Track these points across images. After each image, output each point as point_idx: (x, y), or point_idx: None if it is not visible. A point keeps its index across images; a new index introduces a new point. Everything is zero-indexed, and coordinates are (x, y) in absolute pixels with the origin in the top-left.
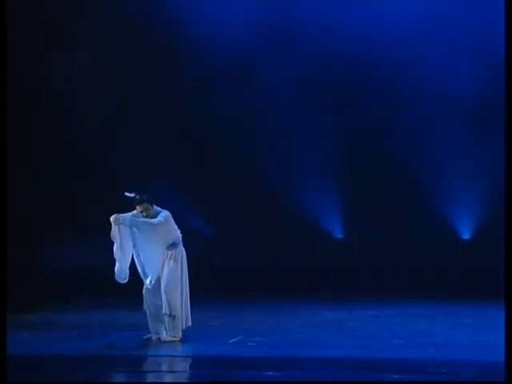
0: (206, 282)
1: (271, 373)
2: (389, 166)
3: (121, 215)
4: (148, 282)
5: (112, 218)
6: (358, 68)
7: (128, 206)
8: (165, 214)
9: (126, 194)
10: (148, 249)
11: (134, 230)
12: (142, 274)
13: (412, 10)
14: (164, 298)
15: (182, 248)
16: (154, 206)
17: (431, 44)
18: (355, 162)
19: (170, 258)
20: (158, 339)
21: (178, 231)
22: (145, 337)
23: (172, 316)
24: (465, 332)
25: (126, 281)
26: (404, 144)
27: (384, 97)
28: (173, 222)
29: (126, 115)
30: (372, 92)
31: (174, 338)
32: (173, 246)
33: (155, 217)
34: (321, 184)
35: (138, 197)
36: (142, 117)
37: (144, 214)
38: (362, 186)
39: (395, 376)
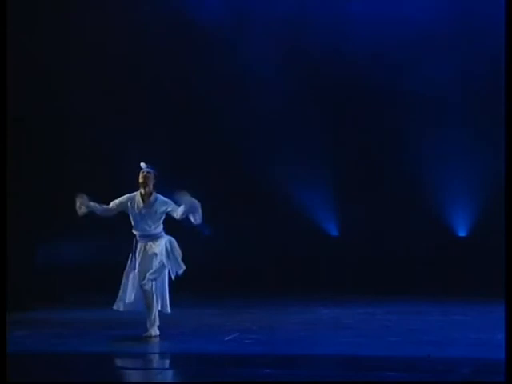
0: (203, 280)
1: (268, 370)
2: (386, 165)
3: None
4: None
5: None
6: (358, 68)
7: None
8: None
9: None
10: None
11: None
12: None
13: (412, 9)
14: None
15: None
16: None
17: (431, 44)
18: (353, 161)
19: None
20: (155, 336)
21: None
22: (144, 335)
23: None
24: (460, 329)
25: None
26: (401, 143)
27: (383, 97)
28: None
29: (126, 112)
30: (371, 92)
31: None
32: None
33: (151, 194)
34: (318, 183)
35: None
36: (140, 115)
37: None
38: (359, 184)
39: (391, 374)
